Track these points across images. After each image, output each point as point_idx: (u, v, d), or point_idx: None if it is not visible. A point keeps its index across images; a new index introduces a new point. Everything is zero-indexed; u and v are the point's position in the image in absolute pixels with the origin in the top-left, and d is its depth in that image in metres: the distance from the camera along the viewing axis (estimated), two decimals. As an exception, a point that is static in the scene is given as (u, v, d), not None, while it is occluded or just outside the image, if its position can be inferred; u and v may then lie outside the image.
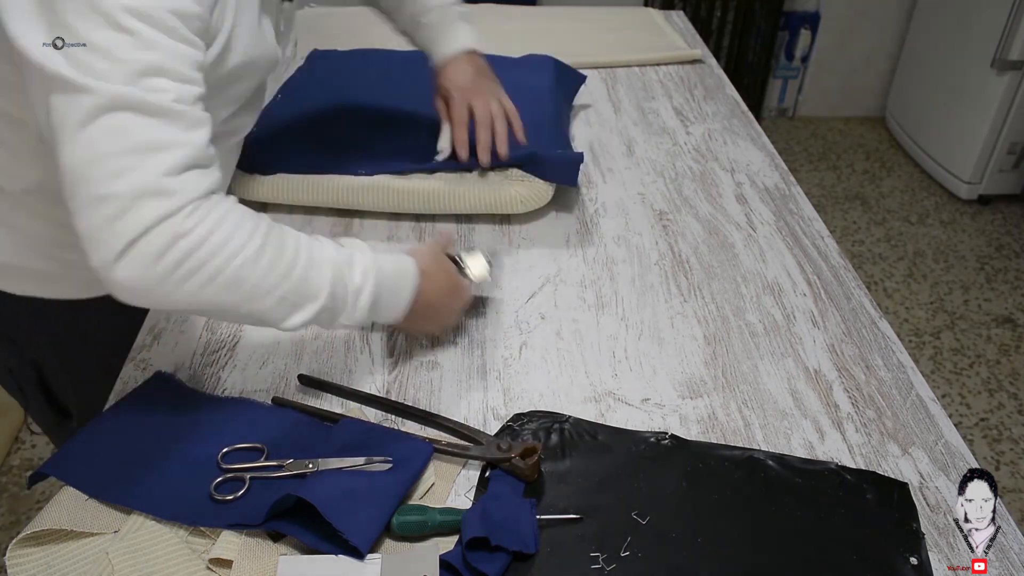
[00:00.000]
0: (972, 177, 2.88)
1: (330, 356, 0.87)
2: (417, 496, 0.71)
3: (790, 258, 1.04)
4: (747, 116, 1.40)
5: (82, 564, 0.64)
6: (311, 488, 0.67)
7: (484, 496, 0.71)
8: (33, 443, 1.94)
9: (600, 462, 0.75)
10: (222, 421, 0.77)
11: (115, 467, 0.70)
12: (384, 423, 0.79)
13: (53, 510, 0.67)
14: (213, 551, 0.64)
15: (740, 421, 0.81)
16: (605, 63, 1.56)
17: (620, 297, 0.97)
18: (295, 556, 0.64)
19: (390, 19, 1.10)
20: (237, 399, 0.81)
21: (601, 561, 0.66)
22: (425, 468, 0.73)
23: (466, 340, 0.90)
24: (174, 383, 0.81)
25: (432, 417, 0.79)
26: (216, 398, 0.81)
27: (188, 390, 0.82)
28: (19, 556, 0.65)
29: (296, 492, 0.65)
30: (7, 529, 1.74)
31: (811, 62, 3.34)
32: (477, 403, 0.82)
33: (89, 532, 0.66)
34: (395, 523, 0.67)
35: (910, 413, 0.82)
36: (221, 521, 0.66)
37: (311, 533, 0.65)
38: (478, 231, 1.08)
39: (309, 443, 0.75)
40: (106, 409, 0.78)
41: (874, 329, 0.93)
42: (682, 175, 1.22)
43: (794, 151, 3.27)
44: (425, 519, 0.67)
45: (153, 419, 0.76)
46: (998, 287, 2.55)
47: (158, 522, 0.66)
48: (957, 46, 2.87)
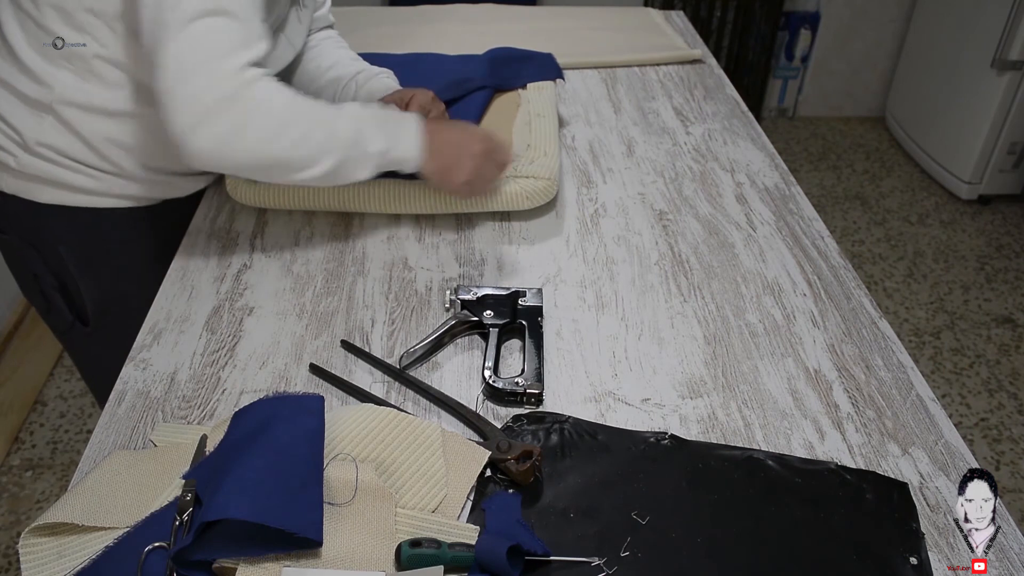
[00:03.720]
0: (972, 177, 2.88)
1: (330, 356, 0.87)
2: (427, 509, 0.69)
3: (790, 258, 1.04)
4: (747, 116, 1.40)
5: (93, 555, 0.64)
6: (224, 504, 0.61)
7: (484, 533, 0.68)
8: (33, 443, 1.95)
9: (600, 462, 0.75)
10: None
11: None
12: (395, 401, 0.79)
13: (68, 503, 0.67)
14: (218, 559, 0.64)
15: (740, 421, 0.81)
16: (605, 63, 1.56)
17: (620, 297, 0.97)
18: (299, 568, 0.64)
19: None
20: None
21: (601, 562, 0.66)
22: (322, 416, 0.69)
23: (466, 340, 0.90)
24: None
25: (445, 399, 0.80)
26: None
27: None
28: (32, 544, 0.65)
29: (217, 514, 0.60)
30: (7, 529, 1.74)
31: (811, 62, 3.33)
32: (477, 403, 0.82)
33: (102, 526, 0.66)
34: (405, 557, 0.63)
35: (910, 413, 0.82)
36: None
37: (250, 546, 0.61)
38: (478, 230, 1.08)
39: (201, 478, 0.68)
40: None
41: (874, 329, 0.93)
42: (682, 175, 1.22)
43: (794, 151, 3.27)
44: (438, 554, 0.64)
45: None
46: (998, 287, 2.55)
47: None
48: (957, 46, 2.87)
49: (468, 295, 0.91)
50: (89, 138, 0.98)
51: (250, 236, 1.06)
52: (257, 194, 1.07)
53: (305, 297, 0.96)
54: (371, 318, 0.93)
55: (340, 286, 0.98)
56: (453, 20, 1.73)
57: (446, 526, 0.68)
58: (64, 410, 2.04)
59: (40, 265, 1.07)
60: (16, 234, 1.06)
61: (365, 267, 1.01)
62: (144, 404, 0.82)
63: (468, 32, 1.65)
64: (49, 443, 1.95)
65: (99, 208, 1.04)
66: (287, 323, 0.92)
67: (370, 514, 0.67)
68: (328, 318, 0.93)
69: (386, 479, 0.70)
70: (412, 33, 1.65)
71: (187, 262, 1.02)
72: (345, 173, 0.91)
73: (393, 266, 1.01)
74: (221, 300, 0.95)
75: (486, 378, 0.82)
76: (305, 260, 1.02)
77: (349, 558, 0.64)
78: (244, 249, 1.04)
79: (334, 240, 1.06)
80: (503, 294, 0.92)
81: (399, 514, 0.68)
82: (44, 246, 1.05)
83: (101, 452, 0.77)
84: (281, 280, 0.99)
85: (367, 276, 1.00)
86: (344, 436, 0.72)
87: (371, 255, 1.03)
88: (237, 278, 0.99)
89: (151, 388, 0.84)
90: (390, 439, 0.73)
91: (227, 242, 1.05)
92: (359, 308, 0.94)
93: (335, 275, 1.00)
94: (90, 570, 0.63)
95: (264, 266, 1.01)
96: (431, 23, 1.71)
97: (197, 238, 1.06)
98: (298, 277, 0.99)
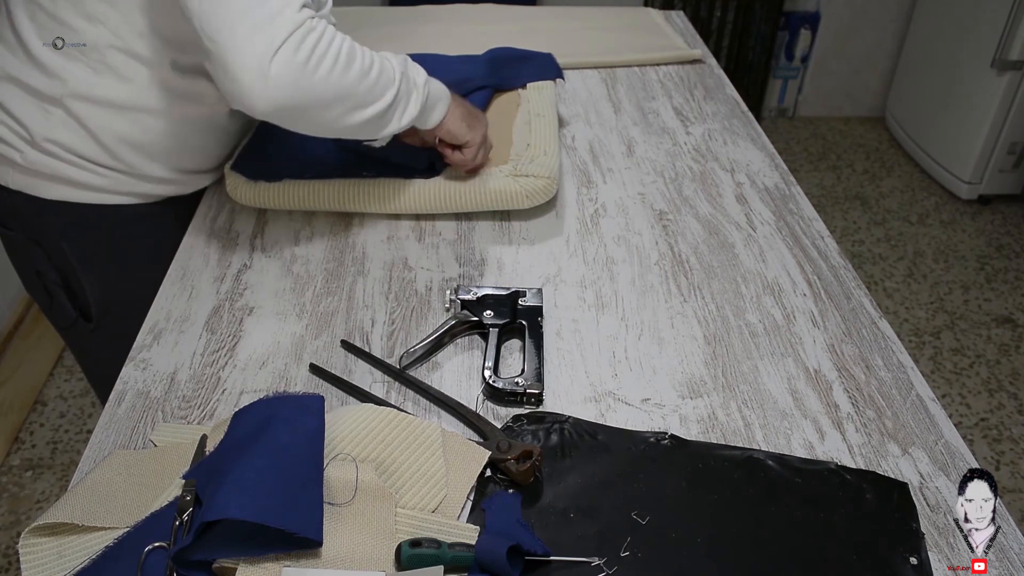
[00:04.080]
0: (972, 177, 2.88)
1: (330, 356, 0.88)
2: (427, 510, 0.70)
3: (790, 258, 1.04)
4: (747, 116, 1.40)
5: (93, 555, 0.64)
6: (224, 504, 0.61)
7: (484, 533, 0.68)
8: (33, 443, 1.95)
9: (600, 462, 0.75)
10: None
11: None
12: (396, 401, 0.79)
13: (68, 503, 0.67)
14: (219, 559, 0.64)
15: (740, 421, 0.81)
16: (605, 63, 1.56)
17: (620, 297, 0.97)
18: (299, 568, 0.64)
19: None
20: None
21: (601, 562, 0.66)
22: (322, 416, 0.69)
23: (466, 340, 0.90)
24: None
25: (445, 399, 0.80)
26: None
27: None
28: (32, 544, 0.65)
29: (217, 514, 0.60)
30: (7, 529, 1.74)
31: (811, 62, 3.33)
32: (477, 403, 0.82)
33: (101, 526, 0.66)
34: (405, 557, 0.63)
35: (910, 413, 0.82)
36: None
37: (249, 547, 0.62)
38: (478, 230, 1.08)
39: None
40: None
41: (874, 329, 0.93)
42: (682, 175, 1.22)
43: (794, 151, 3.27)
44: (438, 554, 0.64)
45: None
46: (998, 287, 2.55)
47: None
48: (957, 46, 2.87)
49: (468, 295, 0.91)
50: (98, 133, 0.98)
51: (250, 236, 1.06)
52: (257, 194, 1.07)
53: (305, 297, 0.96)
54: (371, 318, 0.93)
55: (340, 286, 0.98)
56: (453, 20, 1.73)
57: (446, 526, 0.68)
58: (64, 410, 2.04)
59: (44, 261, 1.08)
60: (20, 230, 1.06)
61: (365, 267, 1.01)
62: (144, 404, 0.82)
63: (468, 32, 1.65)
64: (49, 443, 1.95)
65: (103, 205, 1.04)
66: (287, 323, 0.92)
67: (370, 514, 0.66)
68: (328, 318, 0.93)
69: (386, 479, 0.70)
70: (412, 33, 1.65)
71: (187, 262, 1.02)
72: (397, 109, 0.92)
73: (393, 266, 1.01)
74: (221, 300, 0.95)
75: (486, 378, 0.82)
76: (305, 260, 1.02)
77: (349, 558, 0.64)
78: (244, 249, 1.04)
79: (334, 240, 1.06)
80: (503, 294, 0.92)
81: (399, 514, 0.68)
82: (48, 242, 1.06)
83: (101, 452, 0.77)
84: (281, 280, 0.99)
85: (367, 276, 1.00)
86: (344, 436, 0.72)
87: (371, 255, 1.03)
88: (237, 278, 0.99)
89: (151, 388, 0.84)
90: (390, 439, 0.73)
91: (227, 242, 1.05)
92: (359, 308, 0.95)
93: (335, 275, 1.00)
94: (90, 570, 0.63)
95: (264, 266, 1.01)
96: (431, 23, 1.71)
97: (197, 238, 1.06)
98: (298, 277, 0.99)
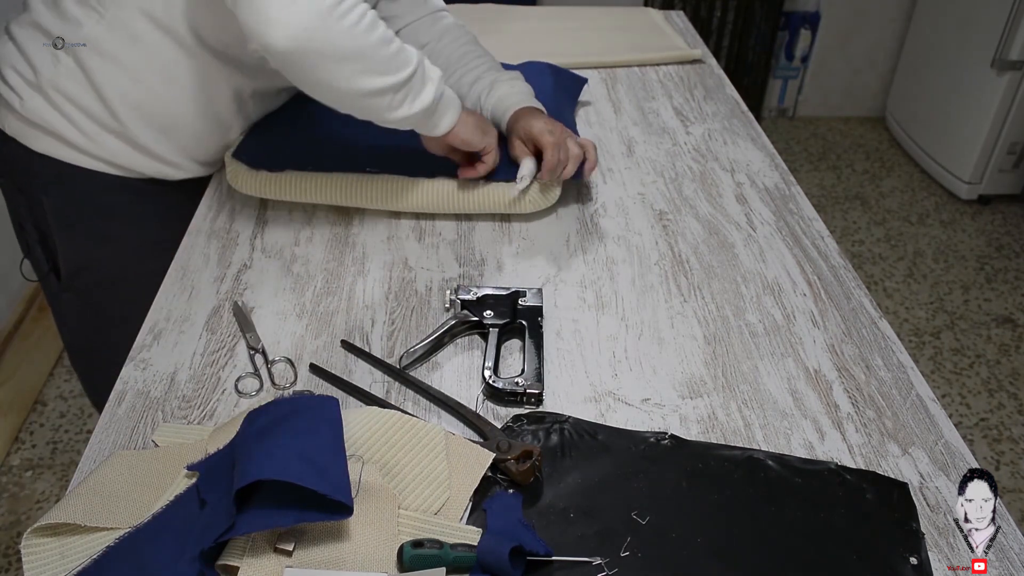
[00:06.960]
0: (972, 177, 2.88)
1: (330, 356, 0.88)
2: (430, 512, 0.69)
3: (790, 258, 1.04)
4: (747, 116, 1.40)
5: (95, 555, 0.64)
6: (261, 464, 0.62)
7: (486, 534, 0.68)
8: (33, 443, 1.95)
9: (600, 462, 0.75)
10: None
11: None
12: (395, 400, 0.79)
13: (70, 503, 0.67)
14: (222, 557, 0.64)
15: (740, 421, 0.81)
16: (605, 63, 1.56)
17: (620, 297, 0.97)
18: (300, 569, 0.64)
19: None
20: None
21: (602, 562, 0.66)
22: (339, 413, 0.70)
23: (466, 340, 0.90)
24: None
25: (445, 399, 0.80)
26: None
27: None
28: (34, 545, 0.65)
29: (248, 478, 0.61)
30: (7, 529, 1.74)
31: (811, 62, 3.34)
32: (477, 403, 0.82)
33: (104, 527, 0.66)
34: (407, 558, 0.63)
35: (910, 413, 0.82)
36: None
37: (277, 512, 0.62)
38: (478, 230, 1.08)
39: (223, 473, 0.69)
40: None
41: (874, 329, 0.93)
42: (682, 175, 1.22)
43: (794, 151, 3.27)
44: (440, 555, 0.64)
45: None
46: (998, 287, 2.55)
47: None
48: (957, 46, 2.87)
49: (468, 295, 0.91)
50: (102, 88, 1.00)
51: (250, 236, 1.06)
52: (258, 183, 1.06)
53: (305, 297, 0.96)
54: (371, 318, 0.93)
55: (340, 286, 0.98)
56: (453, 20, 1.73)
57: (448, 528, 0.68)
58: (64, 410, 2.04)
59: (26, 212, 1.11)
60: (9, 177, 1.10)
61: (365, 267, 1.01)
62: (144, 404, 0.82)
63: (468, 32, 1.65)
64: (49, 443, 1.95)
65: (88, 170, 1.06)
66: (287, 323, 0.92)
67: (373, 515, 0.66)
68: (328, 318, 0.93)
69: (389, 481, 0.70)
70: (412, 33, 1.65)
71: (187, 262, 1.02)
72: (410, 92, 0.91)
73: (393, 266, 1.01)
74: (221, 300, 0.95)
75: (486, 378, 0.82)
76: (305, 260, 1.02)
77: (351, 558, 0.64)
78: (244, 249, 1.04)
79: (334, 240, 1.06)
80: (503, 294, 0.92)
81: (401, 516, 0.68)
82: (30, 195, 1.09)
83: (101, 452, 0.77)
84: (281, 280, 0.99)
85: (367, 276, 1.00)
86: (348, 438, 0.72)
87: (371, 255, 1.03)
88: (237, 278, 0.99)
89: (151, 388, 0.84)
90: (394, 441, 0.73)
91: (227, 242, 1.05)
92: (359, 308, 0.95)
93: (335, 275, 1.00)
94: (92, 570, 0.63)
95: (264, 266, 1.01)
96: (431, 23, 1.71)
97: (197, 238, 1.06)
98: (298, 277, 0.99)
